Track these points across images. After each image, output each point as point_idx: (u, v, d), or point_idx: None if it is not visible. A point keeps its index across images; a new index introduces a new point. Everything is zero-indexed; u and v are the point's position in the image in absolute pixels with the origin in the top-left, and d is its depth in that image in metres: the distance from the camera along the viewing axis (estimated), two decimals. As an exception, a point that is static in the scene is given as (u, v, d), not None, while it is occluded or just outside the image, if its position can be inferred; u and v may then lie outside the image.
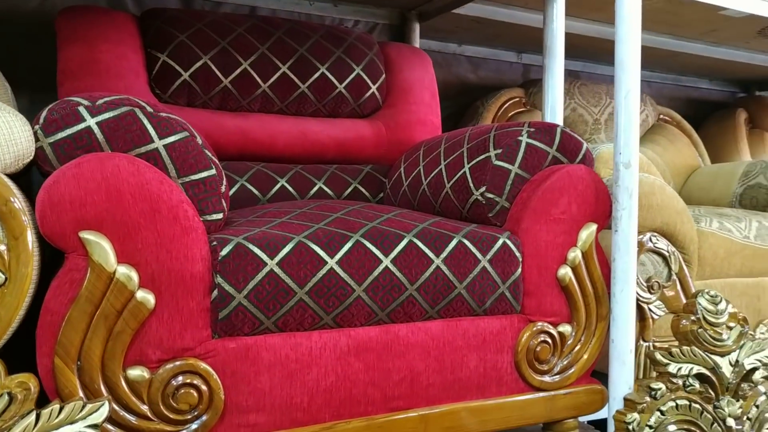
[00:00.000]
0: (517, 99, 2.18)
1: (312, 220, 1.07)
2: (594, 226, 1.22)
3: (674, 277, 1.60)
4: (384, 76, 1.69)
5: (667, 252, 1.59)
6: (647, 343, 1.58)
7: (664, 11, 1.87)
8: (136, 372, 0.90)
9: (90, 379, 0.88)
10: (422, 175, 1.40)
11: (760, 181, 2.06)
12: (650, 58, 2.43)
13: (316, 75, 1.58)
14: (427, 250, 1.07)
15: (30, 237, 0.85)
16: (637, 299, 1.56)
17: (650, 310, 1.57)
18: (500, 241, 1.13)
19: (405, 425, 1.07)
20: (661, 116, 2.45)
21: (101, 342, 0.88)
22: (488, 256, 1.12)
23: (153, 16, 1.49)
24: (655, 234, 1.58)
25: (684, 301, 1.61)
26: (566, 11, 1.86)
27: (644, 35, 2.16)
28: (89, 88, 1.34)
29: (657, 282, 1.58)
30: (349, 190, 1.56)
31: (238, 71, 1.51)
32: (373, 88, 1.66)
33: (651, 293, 1.57)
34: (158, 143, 0.93)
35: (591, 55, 2.39)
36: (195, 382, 0.93)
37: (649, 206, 1.55)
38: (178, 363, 0.92)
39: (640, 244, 1.56)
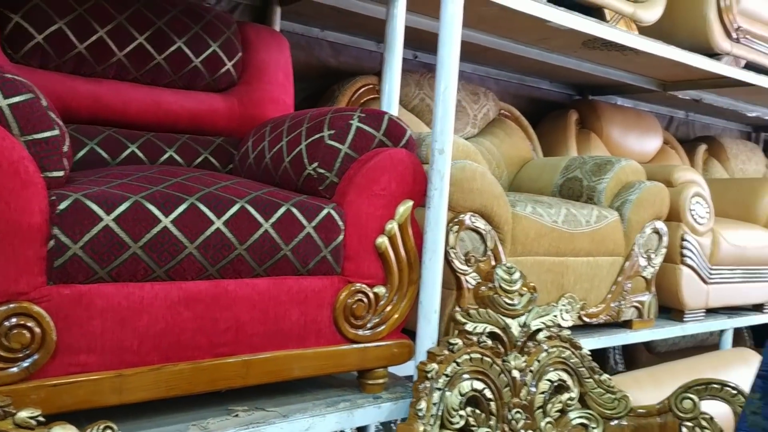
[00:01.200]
0: (371, 86, 2.34)
1: (152, 183, 1.17)
2: (410, 203, 1.40)
3: (489, 252, 1.83)
4: (240, 54, 1.80)
5: (484, 231, 1.81)
6: (460, 309, 1.80)
7: (502, 18, 2.08)
8: (-29, 313, 0.98)
9: (-77, 318, 0.95)
10: (266, 150, 1.53)
11: (577, 175, 2.35)
12: (496, 58, 2.68)
13: (173, 48, 1.66)
14: (257, 215, 1.20)
15: None
16: (455, 270, 1.77)
17: (466, 280, 1.79)
18: (325, 211, 1.29)
19: (229, 369, 1.20)
20: (502, 111, 2.71)
21: (-64, 283, 0.95)
22: (313, 224, 1.27)
23: (7, -25, 1.51)
24: (475, 214, 1.79)
25: (496, 274, 1.84)
26: (418, 9, 2.04)
27: (487, 37, 2.39)
28: (-65, 43, 1.36)
29: (474, 256, 1.80)
30: (200, 159, 1.66)
31: (93, 38, 1.56)
32: (229, 65, 1.76)
33: (468, 266, 1.79)
34: (2, 102, 1.00)
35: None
36: (28, 324, 1.01)
37: (470, 190, 1.76)
38: (12, 305, 1.00)
39: (461, 223, 1.77)
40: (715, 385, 1.52)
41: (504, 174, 2.55)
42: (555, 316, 1.55)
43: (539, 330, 1.53)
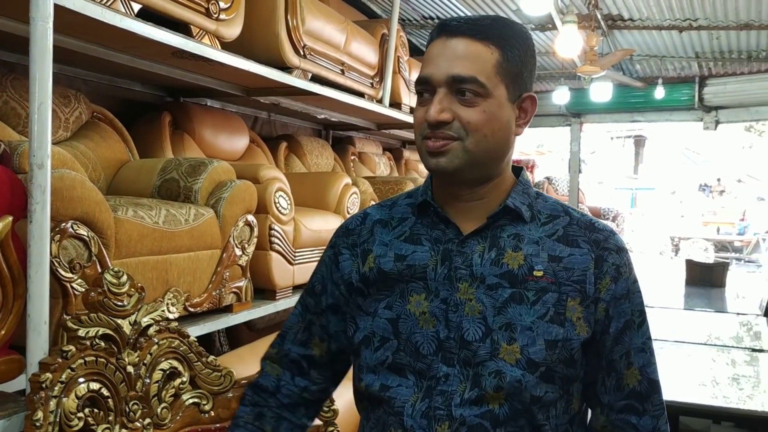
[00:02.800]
0: (-58, 87, 2.14)
1: None
2: (9, 218, 1.40)
3: (94, 258, 1.88)
4: None
5: (87, 237, 1.86)
6: (69, 317, 1.82)
7: (90, 26, 2.10)
8: None
9: None
10: None
11: (174, 176, 2.51)
12: (85, 61, 2.66)
13: None
14: None
15: None
16: (60, 279, 1.79)
17: (72, 287, 1.82)
18: None
19: None
20: (95, 114, 2.71)
21: None
22: None
23: None
24: (77, 222, 1.83)
25: (103, 278, 1.91)
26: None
27: (75, 42, 2.37)
28: None
29: (78, 263, 1.84)
30: None
31: None
32: None
33: (73, 273, 1.82)
34: None
35: (24, 49, 2.47)
36: None
37: (70, 198, 1.79)
38: None
39: (63, 231, 1.79)
40: (300, 349, 1.86)
41: (101, 177, 2.57)
42: (163, 311, 1.71)
43: (150, 325, 1.67)
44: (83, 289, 1.84)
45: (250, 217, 2.58)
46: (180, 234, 2.22)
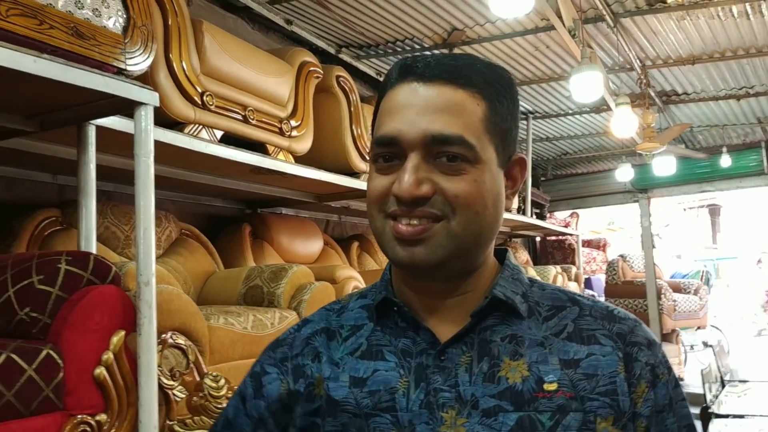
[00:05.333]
0: (54, 218, 2.40)
1: None
2: (122, 333, 1.56)
3: (191, 365, 2.03)
4: None
5: (185, 346, 2.01)
6: (172, 422, 1.95)
7: (179, 155, 2.35)
8: None
9: None
10: (-36, 299, 1.55)
11: (257, 283, 2.68)
12: (173, 184, 2.93)
13: None
14: (-23, 367, 1.26)
15: None
16: (162, 386, 1.93)
17: (174, 394, 1.96)
18: (44, 352, 1.39)
19: None
20: (183, 231, 2.95)
21: None
22: (33, 366, 1.36)
23: None
24: (175, 332, 1.99)
25: (200, 383, 2.04)
26: (103, 149, 2.20)
27: (166, 168, 2.63)
28: None
29: (178, 371, 1.99)
30: None
31: None
32: None
33: (174, 380, 1.97)
34: None
35: (121, 179, 2.75)
36: None
37: (168, 311, 1.96)
38: None
39: (164, 341, 1.96)
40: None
41: (191, 289, 2.77)
42: (258, 411, 1.82)
43: (246, 426, 1.77)
44: (182, 396, 1.98)
45: (330, 317, 2.69)
46: (268, 338, 2.35)
